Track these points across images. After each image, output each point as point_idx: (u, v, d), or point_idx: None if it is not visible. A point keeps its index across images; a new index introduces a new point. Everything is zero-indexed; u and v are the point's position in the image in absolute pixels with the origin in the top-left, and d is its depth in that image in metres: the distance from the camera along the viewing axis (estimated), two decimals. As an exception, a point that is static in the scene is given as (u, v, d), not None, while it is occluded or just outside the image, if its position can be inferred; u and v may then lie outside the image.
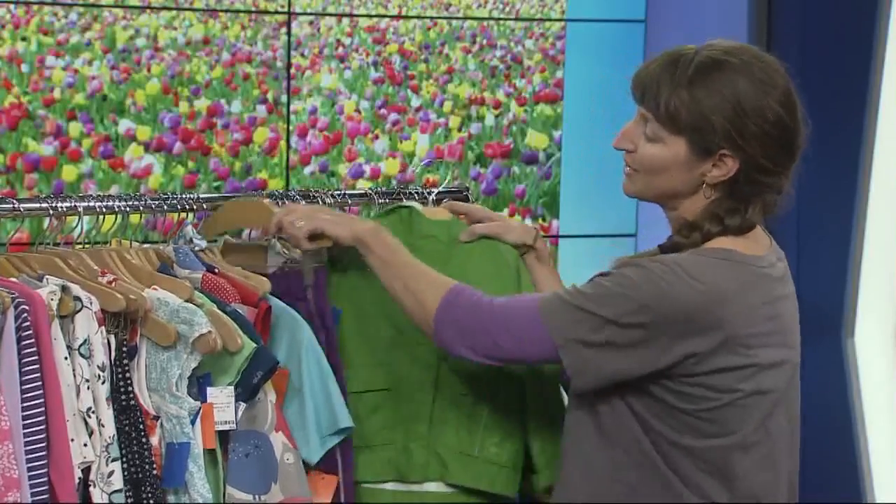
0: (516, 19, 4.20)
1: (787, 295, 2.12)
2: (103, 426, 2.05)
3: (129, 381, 2.10)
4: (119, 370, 2.10)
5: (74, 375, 2.05)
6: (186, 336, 2.11)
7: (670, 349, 2.01)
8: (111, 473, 2.05)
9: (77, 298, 2.07)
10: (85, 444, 2.04)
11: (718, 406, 2.05)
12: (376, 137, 4.08)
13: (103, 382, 2.06)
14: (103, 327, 2.08)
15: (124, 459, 2.07)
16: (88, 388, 2.05)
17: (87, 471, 2.04)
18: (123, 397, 2.10)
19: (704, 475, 2.05)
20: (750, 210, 2.08)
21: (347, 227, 2.21)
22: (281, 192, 2.49)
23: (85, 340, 2.06)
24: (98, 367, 2.06)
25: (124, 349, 2.12)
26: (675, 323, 2.01)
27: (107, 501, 2.04)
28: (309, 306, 2.29)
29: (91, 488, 2.04)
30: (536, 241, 2.34)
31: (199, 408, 2.12)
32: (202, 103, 3.89)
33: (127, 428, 2.08)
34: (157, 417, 2.11)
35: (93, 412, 2.05)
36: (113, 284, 2.14)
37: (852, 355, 3.92)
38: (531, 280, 2.34)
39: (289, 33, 3.96)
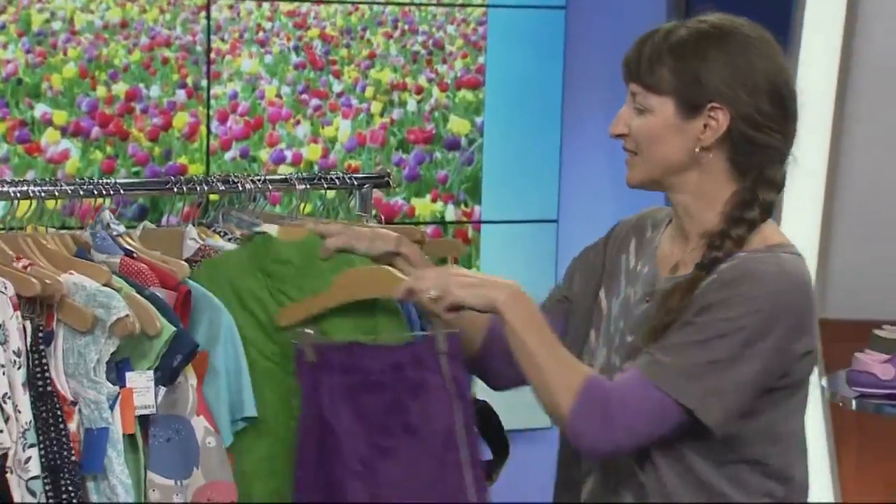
0: (438, 5, 4.19)
1: None
2: (20, 412, 2.03)
3: (45, 367, 2.08)
4: (35, 356, 2.08)
5: (-11, 361, 2.02)
6: (104, 320, 2.08)
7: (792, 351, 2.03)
8: (28, 460, 2.02)
9: (-9, 283, 2.04)
10: (1, 431, 2.01)
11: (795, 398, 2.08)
12: (298, 123, 4.06)
13: (19, 368, 2.04)
14: (18, 312, 2.05)
15: (41, 446, 2.05)
16: (4, 373, 2.02)
17: (3, 458, 2.02)
18: (40, 383, 2.07)
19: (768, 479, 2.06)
20: (760, 189, 2.05)
21: (484, 295, 2.03)
22: (201, 177, 2.48)
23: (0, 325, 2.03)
24: (14, 352, 2.04)
25: (40, 334, 2.09)
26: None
27: (24, 489, 2.02)
28: (442, 376, 2.13)
29: (8, 475, 2.02)
30: (402, 245, 2.25)
31: (118, 392, 2.10)
32: (120, 87, 3.84)
33: (44, 414, 2.06)
34: (74, 403, 2.08)
35: (8, 398, 2.02)
36: (28, 269, 2.11)
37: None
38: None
39: (208, 17, 3.92)
